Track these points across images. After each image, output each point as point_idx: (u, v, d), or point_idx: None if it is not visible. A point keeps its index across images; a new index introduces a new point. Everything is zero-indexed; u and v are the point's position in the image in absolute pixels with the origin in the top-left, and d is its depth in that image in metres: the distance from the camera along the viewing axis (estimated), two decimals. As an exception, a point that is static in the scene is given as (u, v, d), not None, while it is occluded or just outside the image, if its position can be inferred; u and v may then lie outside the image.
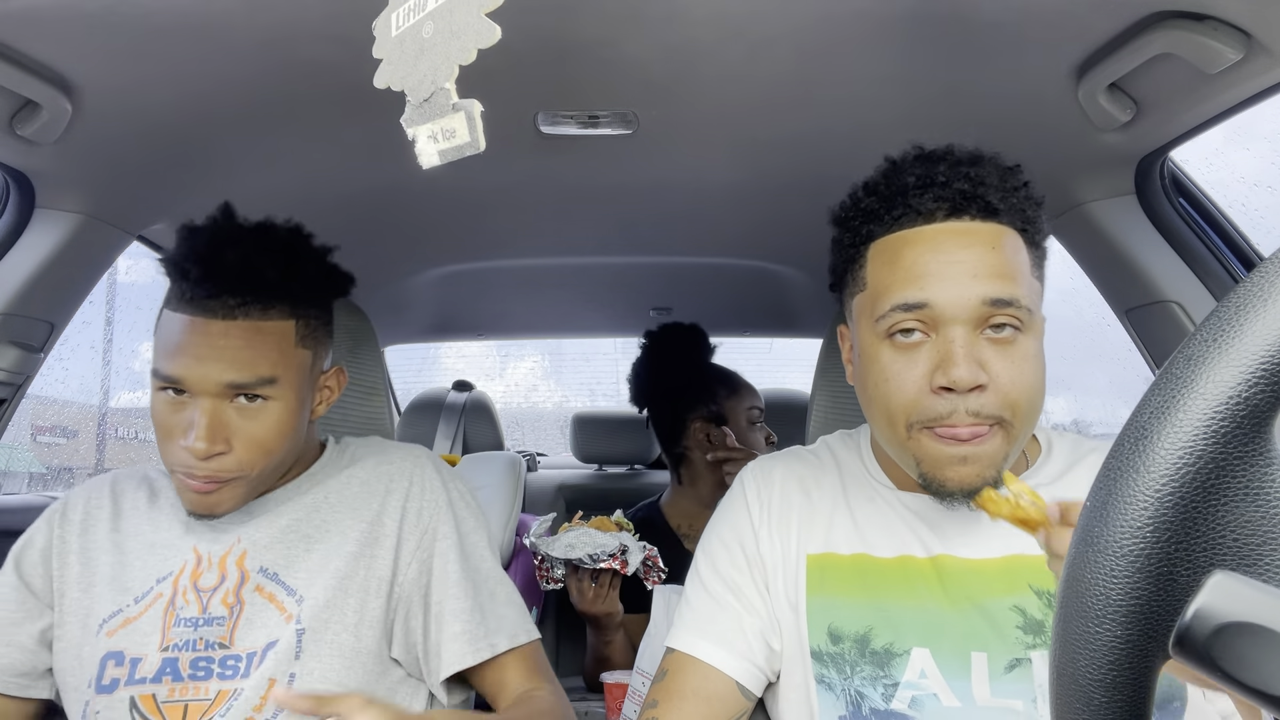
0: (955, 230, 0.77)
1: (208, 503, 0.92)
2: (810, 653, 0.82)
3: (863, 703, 0.79)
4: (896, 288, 0.77)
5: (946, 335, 0.75)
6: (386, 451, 1.07)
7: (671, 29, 0.91)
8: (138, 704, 0.88)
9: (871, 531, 0.86)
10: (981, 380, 0.73)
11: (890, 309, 0.77)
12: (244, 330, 0.91)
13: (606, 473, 2.42)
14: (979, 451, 0.74)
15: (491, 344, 3.15)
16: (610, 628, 1.55)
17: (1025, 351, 0.76)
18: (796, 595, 0.85)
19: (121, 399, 3.09)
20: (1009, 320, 0.75)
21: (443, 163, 0.60)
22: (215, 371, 0.89)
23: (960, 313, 0.74)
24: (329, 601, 0.92)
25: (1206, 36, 0.84)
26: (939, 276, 0.76)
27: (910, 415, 0.76)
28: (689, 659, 0.86)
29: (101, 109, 1.03)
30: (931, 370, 0.75)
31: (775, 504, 0.90)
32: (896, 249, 0.79)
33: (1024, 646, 0.77)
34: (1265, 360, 0.30)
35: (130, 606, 0.93)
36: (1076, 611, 0.34)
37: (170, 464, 0.92)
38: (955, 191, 0.78)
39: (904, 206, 0.79)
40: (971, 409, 0.73)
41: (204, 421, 0.89)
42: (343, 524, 0.98)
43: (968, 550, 0.82)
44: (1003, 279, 0.75)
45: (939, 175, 0.79)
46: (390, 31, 0.62)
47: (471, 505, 1.07)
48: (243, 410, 0.91)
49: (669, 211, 1.52)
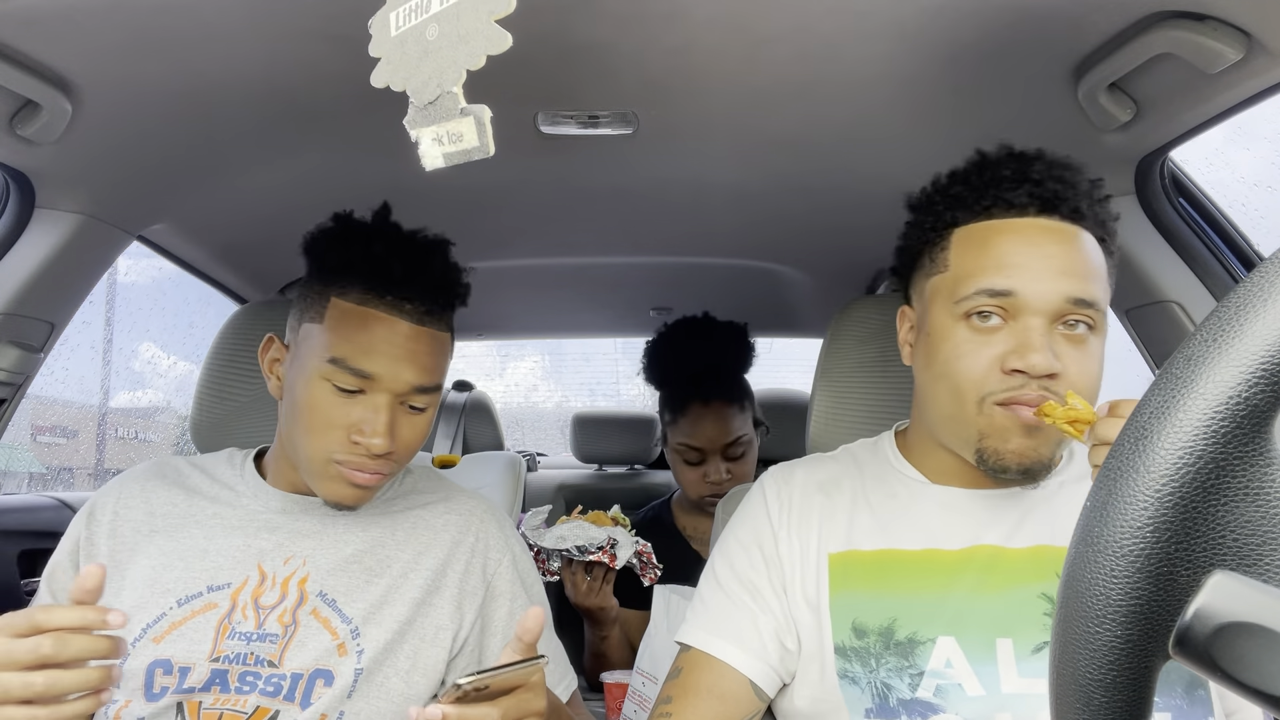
0: (1045, 226, 0.81)
1: (359, 496, 0.95)
2: (834, 649, 0.83)
3: (889, 694, 0.80)
4: (983, 273, 0.80)
5: (1025, 323, 0.78)
6: (452, 498, 1.07)
7: (671, 29, 0.91)
8: (184, 709, 0.88)
9: (896, 525, 0.87)
10: (1055, 369, 0.76)
11: (975, 292, 0.80)
12: (429, 337, 0.95)
13: (606, 473, 2.42)
14: (1045, 426, 0.76)
15: (491, 344, 3.15)
16: (605, 622, 1.55)
17: (1094, 350, 0.80)
18: (818, 595, 0.86)
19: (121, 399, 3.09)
20: (1084, 319, 0.79)
21: (447, 165, 0.60)
22: (408, 373, 0.92)
23: (1043, 305, 0.78)
24: (388, 645, 0.92)
25: (1206, 36, 0.84)
26: (1026, 268, 0.79)
27: (981, 389, 0.79)
28: (704, 656, 0.87)
29: (101, 109, 1.03)
30: (1006, 353, 0.78)
31: (795, 505, 0.91)
32: (985, 236, 0.83)
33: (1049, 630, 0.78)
34: (1265, 360, 0.30)
35: (174, 610, 0.91)
36: (1076, 611, 0.34)
37: (326, 453, 0.92)
38: (1049, 190, 0.81)
39: (995, 197, 0.83)
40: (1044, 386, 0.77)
41: (385, 419, 0.91)
42: (405, 565, 0.98)
43: (998, 540, 0.84)
44: (1086, 279, 0.79)
45: (1033, 173, 0.82)
46: (389, 30, 0.62)
47: (529, 556, 1.10)
48: (408, 414, 0.95)
49: (669, 211, 1.52)
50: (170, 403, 3.09)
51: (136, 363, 2.93)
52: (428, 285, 0.95)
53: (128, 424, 3.16)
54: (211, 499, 1.01)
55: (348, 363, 0.91)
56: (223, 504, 1.00)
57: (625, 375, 2.01)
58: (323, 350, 0.92)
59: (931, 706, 0.78)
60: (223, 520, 0.98)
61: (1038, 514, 0.85)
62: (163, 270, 1.63)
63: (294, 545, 0.97)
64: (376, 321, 0.92)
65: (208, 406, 1.20)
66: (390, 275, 0.93)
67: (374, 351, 0.91)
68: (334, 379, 0.91)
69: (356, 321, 0.92)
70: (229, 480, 1.03)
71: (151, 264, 1.64)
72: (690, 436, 1.67)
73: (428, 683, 0.94)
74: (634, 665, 1.36)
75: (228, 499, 1.01)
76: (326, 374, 0.91)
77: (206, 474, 1.04)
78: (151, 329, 2.74)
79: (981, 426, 0.80)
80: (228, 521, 0.98)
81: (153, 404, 3.16)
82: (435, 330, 0.96)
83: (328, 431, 0.92)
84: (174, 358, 2.92)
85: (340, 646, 0.91)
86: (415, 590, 0.96)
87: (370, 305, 0.93)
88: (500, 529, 1.07)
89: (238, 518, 0.99)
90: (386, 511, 1.03)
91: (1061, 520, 0.84)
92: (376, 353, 0.91)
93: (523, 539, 1.51)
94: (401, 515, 1.03)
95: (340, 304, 0.94)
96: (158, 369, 3.02)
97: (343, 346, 0.91)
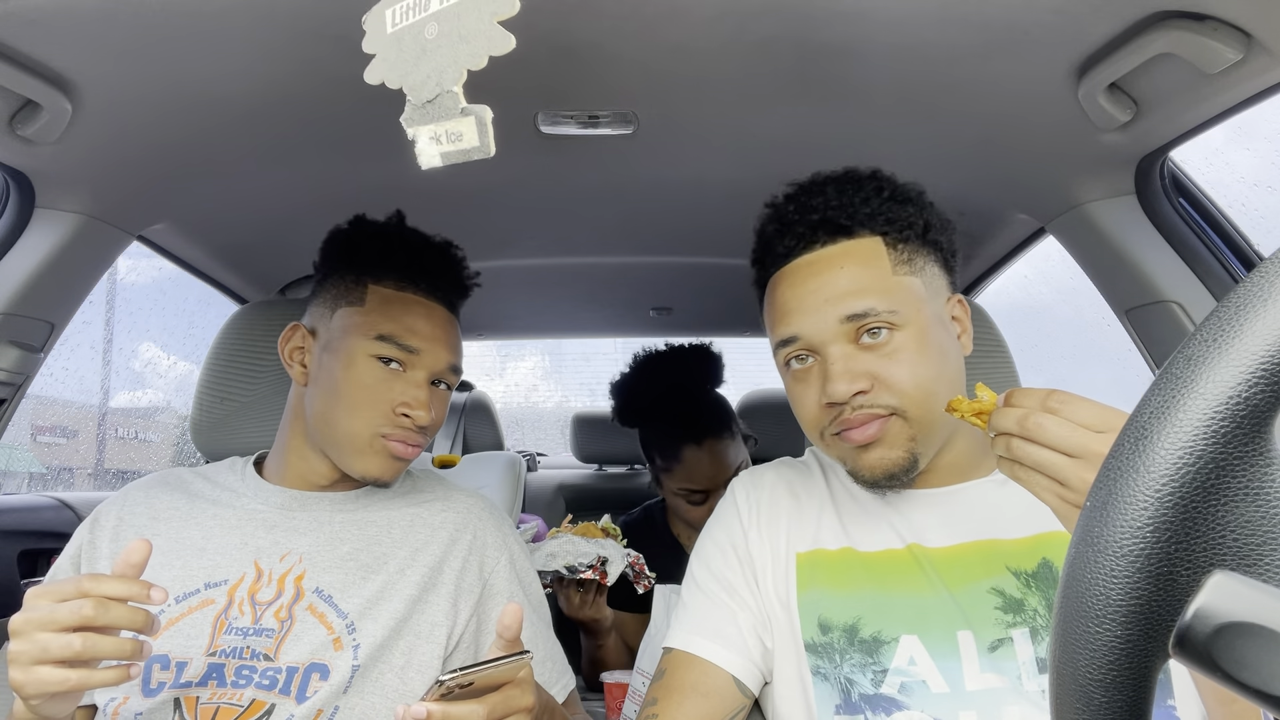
0: (806, 263, 0.86)
1: (398, 469, 1.01)
2: (805, 646, 0.84)
3: (852, 689, 0.81)
4: (775, 327, 0.88)
5: (825, 355, 0.83)
6: (451, 496, 1.09)
7: (671, 29, 0.91)
8: (181, 704, 0.89)
9: (854, 527, 0.89)
10: (860, 387, 0.80)
11: (777, 346, 0.88)
12: (454, 324, 1.06)
13: (606, 473, 2.42)
14: (879, 438, 0.81)
15: (491, 344, 3.15)
16: (601, 632, 1.54)
17: (902, 347, 0.82)
18: (787, 593, 0.87)
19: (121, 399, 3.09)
20: (877, 325, 0.82)
21: (444, 165, 0.60)
22: (446, 352, 1.01)
23: (826, 335, 0.83)
24: (384, 641, 0.93)
25: (1206, 36, 0.84)
26: (800, 309, 0.84)
27: (817, 425, 0.85)
28: (686, 656, 0.88)
29: (101, 109, 1.03)
30: (819, 392, 0.83)
31: (764, 506, 0.94)
32: (770, 291, 0.91)
33: (1005, 626, 0.80)
34: (1265, 360, 0.30)
35: (171, 606, 0.93)
36: (1076, 611, 0.34)
37: (372, 428, 0.97)
38: (805, 225, 0.87)
39: (770, 254, 0.90)
40: (860, 406, 0.81)
41: (426, 395, 0.99)
42: (401, 561, 0.99)
43: (941, 539, 0.86)
44: (855, 295, 0.82)
45: (790, 213, 0.88)
46: (385, 27, 0.61)
47: (528, 553, 1.12)
48: (438, 391, 1.02)
49: (669, 211, 1.52)
50: (170, 403, 3.09)
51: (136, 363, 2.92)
52: (453, 279, 1.06)
53: (128, 424, 3.16)
54: (213, 501, 1.02)
55: (396, 339, 0.98)
56: (223, 505, 1.01)
57: (625, 375, 2.00)
58: (368, 328, 0.98)
59: (896, 703, 0.79)
60: (221, 520, 1.00)
61: (979, 510, 0.87)
62: (163, 270, 1.63)
63: (290, 542, 0.98)
64: (417, 304, 1.01)
65: (208, 406, 1.20)
66: (424, 267, 1.02)
67: (417, 331, 0.99)
68: (382, 352, 0.97)
69: (400, 304, 1.00)
70: (230, 484, 1.05)
71: (151, 264, 1.64)
72: (690, 480, 1.64)
73: (423, 679, 0.95)
74: (634, 665, 1.36)
75: (228, 500, 1.02)
76: (374, 350, 0.98)
77: (209, 480, 1.05)
78: (151, 329, 2.74)
79: (835, 454, 0.86)
80: (226, 521, 1.00)
81: (153, 404, 3.16)
82: (456, 319, 1.06)
83: (373, 406, 0.97)
84: (174, 358, 2.92)
85: (336, 641, 0.92)
86: (411, 587, 0.97)
87: (408, 290, 1.01)
88: (498, 528, 1.07)
89: (236, 517, 1.00)
90: (384, 509, 1.04)
91: (1005, 514, 0.85)
92: (419, 333, 0.99)
93: (522, 538, 1.51)
94: (399, 513, 1.04)
95: (379, 290, 1.01)
96: (158, 369, 3.01)
97: (389, 325, 0.98)
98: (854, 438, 0.81)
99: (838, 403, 0.81)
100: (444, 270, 1.04)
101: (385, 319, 0.99)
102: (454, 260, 1.07)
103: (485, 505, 1.09)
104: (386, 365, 0.98)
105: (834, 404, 0.81)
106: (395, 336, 0.98)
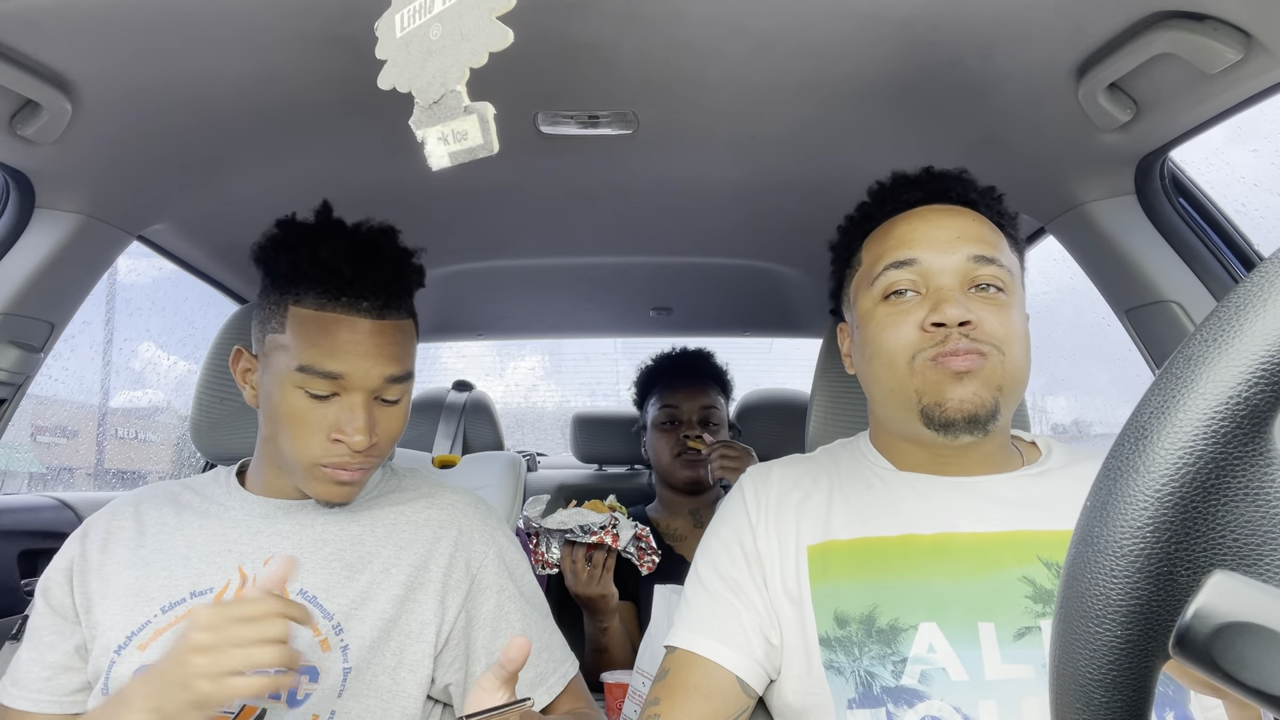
0: (938, 208, 0.90)
1: (348, 492, 0.98)
2: (819, 640, 0.83)
3: (873, 682, 0.80)
4: (887, 253, 0.88)
5: (936, 285, 0.85)
6: (436, 494, 1.08)
7: (671, 29, 0.91)
8: None
9: (872, 514, 0.88)
10: (970, 316, 0.81)
11: (884, 269, 0.87)
12: (392, 329, 0.96)
13: (606, 473, 2.42)
14: (976, 370, 0.81)
15: (491, 344, 3.15)
16: (606, 612, 1.55)
17: (1010, 310, 0.85)
18: (799, 588, 0.86)
19: (121, 399, 3.09)
20: (993, 280, 0.85)
21: (453, 164, 0.60)
22: (377, 368, 0.94)
23: (947, 266, 0.85)
24: (374, 643, 0.93)
25: (1206, 36, 0.84)
26: (926, 240, 0.87)
27: (910, 350, 0.84)
28: (689, 655, 0.87)
29: (101, 109, 1.03)
30: (924, 316, 0.84)
31: (772, 501, 0.93)
32: (887, 229, 0.91)
33: (1034, 615, 0.79)
34: (1265, 360, 0.30)
35: (159, 617, 0.92)
36: (1076, 611, 0.34)
37: (311, 458, 0.94)
38: (938, 186, 0.91)
39: (893, 202, 0.92)
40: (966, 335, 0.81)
41: (363, 417, 0.93)
42: (386, 561, 0.98)
43: (973, 525, 0.85)
44: (984, 242, 0.86)
45: (916, 177, 0.93)
46: (395, 33, 0.62)
47: (518, 546, 1.09)
48: (383, 407, 0.97)
49: (669, 211, 1.52)
50: (170, 403, 3.08)
51: (136, 363, 2.92)
52: (381, 279, 0.95)
53: (128, 424, 3.16)
54: (200, 513, 1.02)
55: (316, 368, 0.92)
56: (210, 516, 1.01)
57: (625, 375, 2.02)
58: (290, 359, 0.93)
59: (917, 693, 0.78)
60: (206, 530, 0.99)
61: (1011, 500, 0.86)
62: (163, 270, 1.63)
63: (273, 546, 0.98)
64: (337, 324, 0.93)
65: (208, 406, 1.20)
66: (342, 277, 0.93)
67: (340, 353, 0.92)
68: (306, 386, 0.93)
69: (317, 327, 0.93)
70: (215, 495, 1.04)
71: (151, 264, 1.64)
72: (667, 399, 1.89)
73: (414, 679, 0.95)
74: (634, 665, 1.36)
75: (215, 511, 1.02)
76: (298, 382, 0.93)
77: (196, 493, 1.05)
78: (151, 329, 2.74)
79: (917, 385, 0.84)
80: (210, 530, 0.99)
81: (153, 404, 3.15)
82: (397, 320, 0.97)
83: (309, 436, 0.93)
84: (174, 358, 2.91)
85: (323, 642, 0.92)
86: (397, 586, 0.96)
87: (328, 309, 0.93)
88: (484, 523, 1.06)
89: (220, 526, 1.00)
90: (368, 509, 1.03)
91: (1036, 506, 0.85)
92: (343, 354, 0.92)
93: (515, 532, 1.52)
94: (381, 512, 1.03)
95: (299, 311, 0.94)
96: (158, 369, 3.01)
97: (309, 353, 0.92)
98: (953, 364, 0.81)
99: (943, 325, 0.82)
100: (369, 276, 0.94)
101: (306, 346, 0.93)
102: (386, 255, 0.97)
103: (471, 501, 1.08)
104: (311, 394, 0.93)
105: (939, 326, 0.82)
106: (315, 366, 0.92)
